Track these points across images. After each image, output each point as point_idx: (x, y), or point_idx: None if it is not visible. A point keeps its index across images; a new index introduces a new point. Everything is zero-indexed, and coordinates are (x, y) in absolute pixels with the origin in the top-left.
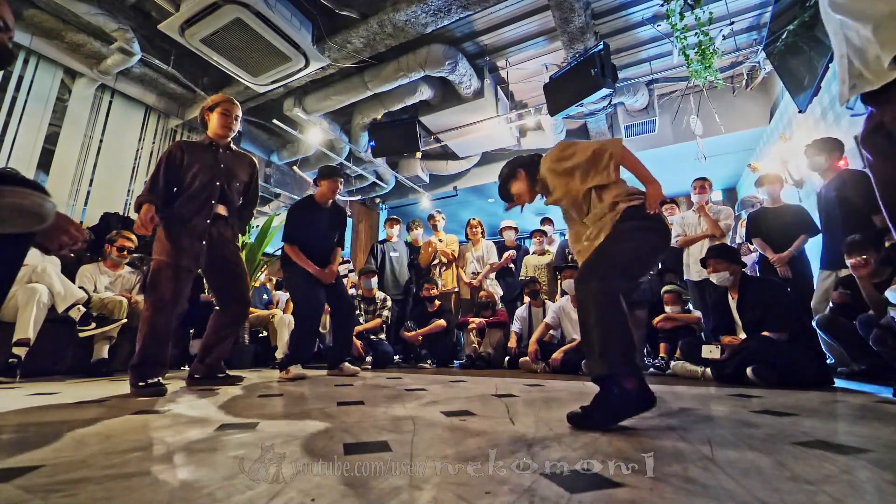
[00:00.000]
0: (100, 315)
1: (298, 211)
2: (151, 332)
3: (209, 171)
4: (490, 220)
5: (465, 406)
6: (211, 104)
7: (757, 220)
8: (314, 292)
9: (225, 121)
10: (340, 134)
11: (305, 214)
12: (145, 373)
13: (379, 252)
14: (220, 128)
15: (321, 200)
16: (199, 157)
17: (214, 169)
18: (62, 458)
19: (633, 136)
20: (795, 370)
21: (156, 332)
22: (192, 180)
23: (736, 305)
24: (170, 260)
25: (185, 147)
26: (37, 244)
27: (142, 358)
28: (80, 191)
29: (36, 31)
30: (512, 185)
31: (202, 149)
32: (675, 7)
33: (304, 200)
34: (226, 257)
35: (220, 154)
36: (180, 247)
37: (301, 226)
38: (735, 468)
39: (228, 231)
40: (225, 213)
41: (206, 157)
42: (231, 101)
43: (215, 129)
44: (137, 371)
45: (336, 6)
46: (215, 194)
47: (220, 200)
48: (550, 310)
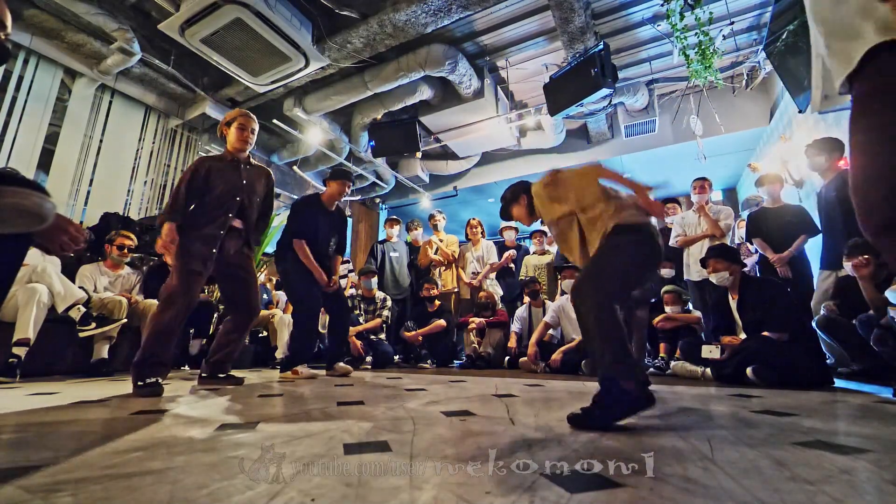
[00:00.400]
0: (100, 315)
1: (305, 206)
2: (155, 332)
3: (231, 186)
4: (490, 220)
5: (465, 406)
6: (228, 119)
7: (757, 220)
8: (311, 291)
9: (242, 135)
10: (340, 134)
11: (311, 211)
12: (144, 372)
13: (379, 252)
14: (238, 142)
15: (327, 201)
16: (223, 172)
17: (237, 184)
18: (62, 458)
19: (633, 135)
20: (795, 370)
21: (160, 331)
22: (213, 194)
23: (736, 306)
24: (179, 263)
25: (210, 163)
26: (37, 244)
27: (143, 356)
28: (80, 191)
29: (36, 31)
30: (513, 208)
31: (225, 164)
32: (675, 7)
33: (311, 197)
34: (237, 268)
35: (243, 169)
36: (190, 250)
37: (305, 224)
38: (735, 468)
39: (241, 243)
40: (240, 226)
41: (229, 173)
42: (247, 115)
43: (233, 143)
44: (138, 369)
45: (336, 6)
46: (233, 209)
47: (238, 215)
48: (550, 309)
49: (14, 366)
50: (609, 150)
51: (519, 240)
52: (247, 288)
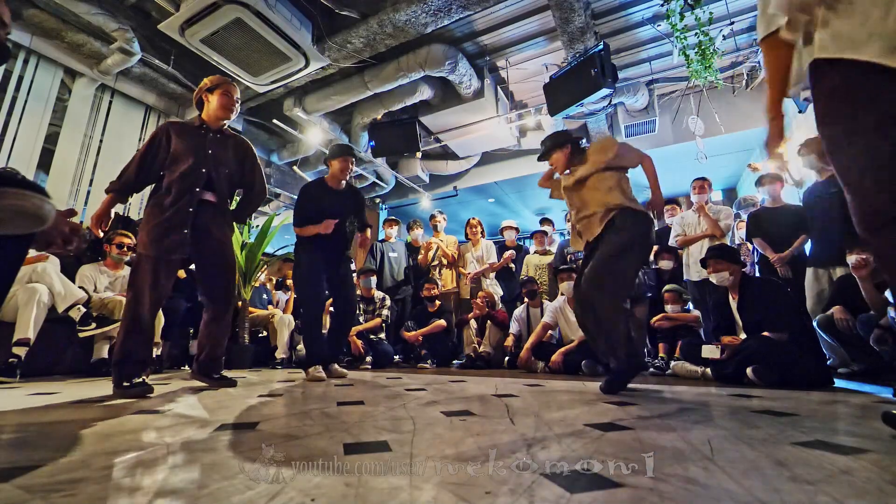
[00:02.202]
0: (100, 315)
1: (308, 194)
2: (132, 327)
3: (195, 156)
4: (490, 220)
5: (465, 406)
6: (210, 85)
7: (757, 219)
8: (317, 288)
9: (227, 101)
10: (340, 134)
11: (316, 198)
12: (129, 372)
13: (378, 252)
14: (220, 109)
15: (333, 183)
16: (186, 141)
17: (201, 154)
18: (62, 458)
19: (633, 136)
20: (795, 370)
21: (136, 326)
22: (177, 166)
23: (737, 306)
24: (148, 252)
25: (173, 130)
26: (36, 244)
27: (123, 354)
28: (80, 191)
29: (36, 31)
30: (555, 152)
31: (190, 132)
32: (675, 7)
33: (315, 183)
34: (212, 247)
35: (210, 138)
36: (158, 237)
37: (312, 211)
38: (735, 468)
39: (218, 218)
40: (213, 199)
41: (193, 142)
42: (231, 82)
43: (215, 111)
44: (120, 369)
45: (336, 6)
46: (200, 181)
47: (206, 187)
48: (548, 310)
49: (14, 366)
50: None
51: (519, 240)
52: (223, 273)
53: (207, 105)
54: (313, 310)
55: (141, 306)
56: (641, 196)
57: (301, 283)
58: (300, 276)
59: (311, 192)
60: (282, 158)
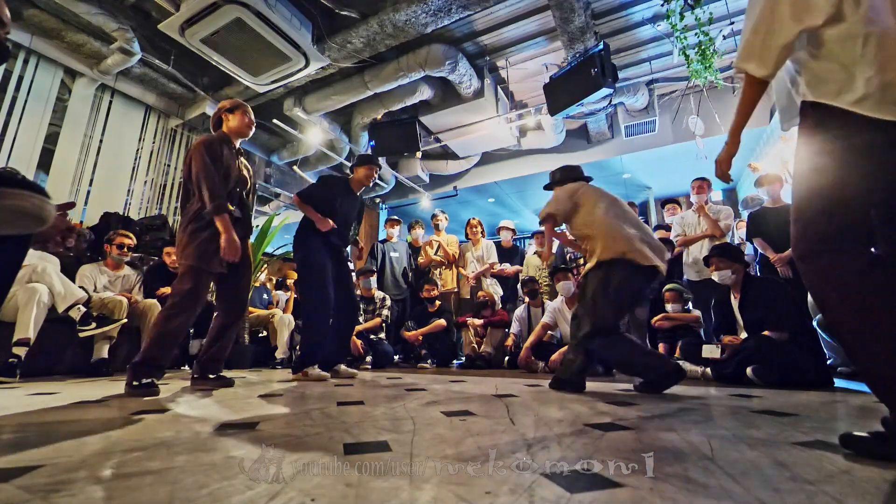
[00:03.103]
0: (100, 315)
1: (330, 184)
2: (160, 336)
3: (231, 173)
4: (490, 219)
5: (465, 406)
6: (230, 106)
7: (757, 219)
8: (326, 291)
9: (249, 121)
10: (340, 134)
11: (336, 192)
12: (142, 373)
13: (379, 252)
14: (246, 127)
15: (355, 186)
16: (229, 158)
17: (236, 172)
18: (62, 458)
19: (633, 135)
20: (795, 370)
21: (165, 336)
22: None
23: (738, 305)
24: (197, 264)
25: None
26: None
27: (144, 357)
28: (80, 191)
29: (36, 31)
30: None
31: (229, 148)
32: (675, 7)
33: (341, 179)
34: (244, 263)
35: (241, 158)
36: (207, 251)
37: (325, 201)
38: (735, 468)
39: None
40: (240, 215)
41: (231, 161)
42: (245, 104)
43: (240, 128)
44: (135, 370)
45: (336, 6)
46: (236, 199)
47: (237, 204)
48: (547, 310)
49: (14, 366)
50: (609, 150)
51: (516, 240)
52: (242, 284)
53: (227, 123)
54: (325, 309)
55: (184, 316)
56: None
57: (313, 283)
58: (311, 276)
59: (334, 184)
60: (282, 158)
